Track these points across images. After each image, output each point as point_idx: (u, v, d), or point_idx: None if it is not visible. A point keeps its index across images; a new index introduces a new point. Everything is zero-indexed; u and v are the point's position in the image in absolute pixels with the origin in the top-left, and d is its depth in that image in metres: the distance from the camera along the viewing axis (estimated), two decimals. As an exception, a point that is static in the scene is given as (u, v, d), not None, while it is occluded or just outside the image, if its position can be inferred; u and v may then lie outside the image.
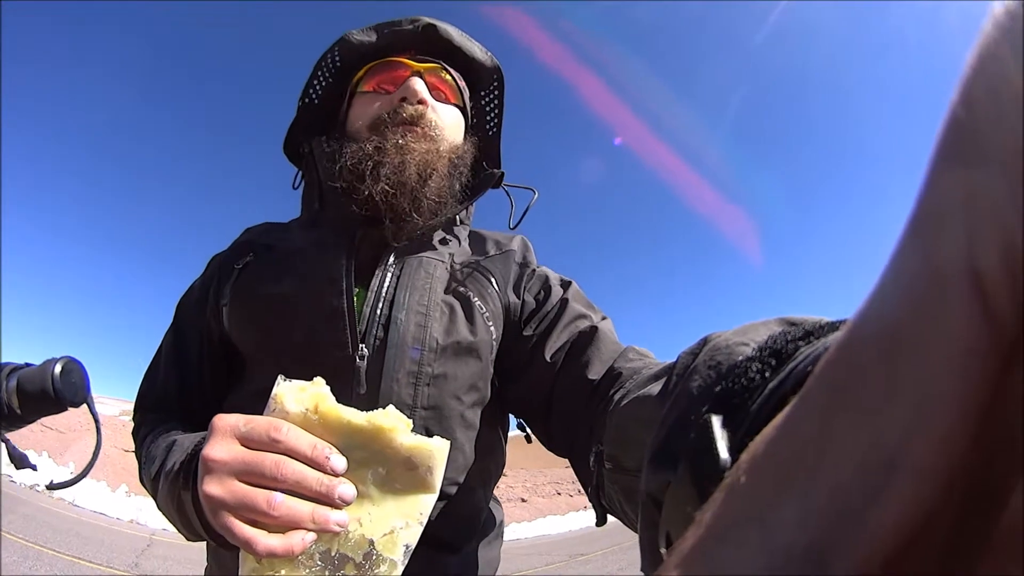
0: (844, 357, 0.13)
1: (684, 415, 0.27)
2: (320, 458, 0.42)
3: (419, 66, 0.73)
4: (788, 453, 0.13)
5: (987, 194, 0.10)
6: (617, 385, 0.53)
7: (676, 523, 0.25)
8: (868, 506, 0.11)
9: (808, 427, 0.13)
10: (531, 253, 0.77)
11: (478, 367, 0.65)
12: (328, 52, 0.77)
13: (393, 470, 0.43)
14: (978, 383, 0.10)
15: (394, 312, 0.62)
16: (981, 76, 0.11)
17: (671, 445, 0.27)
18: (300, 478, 0.41)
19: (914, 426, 0.11)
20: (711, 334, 0.34)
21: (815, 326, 0.26)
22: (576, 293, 0.72)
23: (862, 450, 0.11)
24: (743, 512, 0.14)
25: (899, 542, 0.11)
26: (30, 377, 0.65)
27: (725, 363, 0.28)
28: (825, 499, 0.12)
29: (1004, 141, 0.10)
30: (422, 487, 0.44)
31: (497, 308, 0.69)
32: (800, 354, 0.24)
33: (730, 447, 0.23)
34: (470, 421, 0.65)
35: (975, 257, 0.10)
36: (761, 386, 0.24)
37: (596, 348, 0.61)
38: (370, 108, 0.72)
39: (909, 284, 0.11)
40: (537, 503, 15.56)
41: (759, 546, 0.12)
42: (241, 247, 0.74)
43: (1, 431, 0.69)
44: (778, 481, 0.13)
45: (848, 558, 0.11)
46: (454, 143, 0.74)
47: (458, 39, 0.77)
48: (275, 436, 0.42)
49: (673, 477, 0.25)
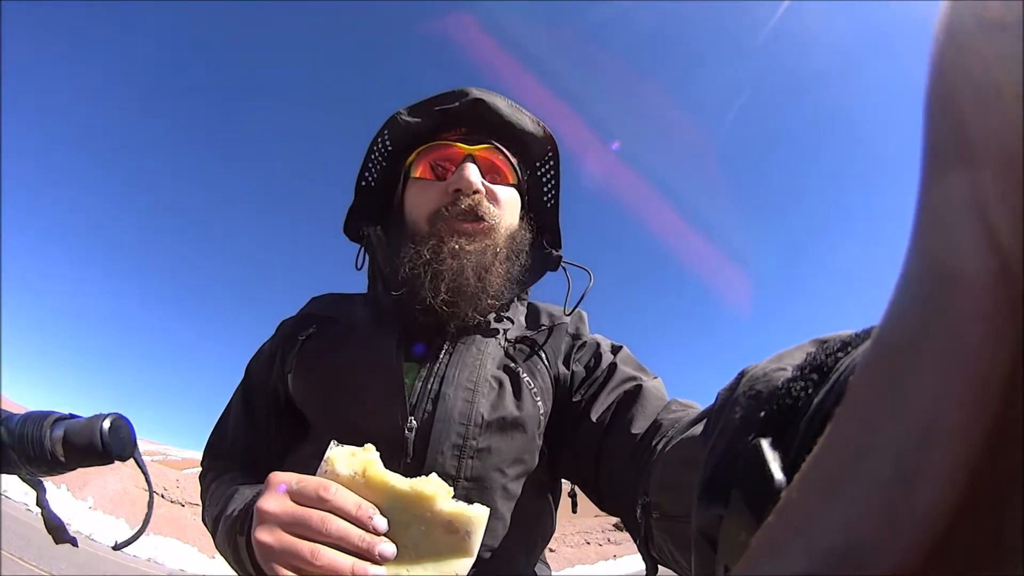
0: (872, 362, 0.13)
1: (731, 446, 0.28)
2: (363, 517, 0.45)
3: (471, 149, 0.72)
4: (833, 462, 0.14)
5: (984, 191, 0.11)
6: (660, 435, 0.54)
7: (732, 555, 0.25)
8: (906, 492, 0.11)
9: (849, 434, 0.13)
10: (584, 324, 0.78)
11: (523, 441, 0.66)
12: (379, 135, 0.77)
13: (432, 532, 0.45)
14: (999, 359, 0.10)
15: (443, 388, 0.65)
16: (952, 74, 0.11)
17: (720, 478, 0.27)
18: (344, 534, 0.44)
19: (940, 401, 0.11)
20: (747, 367, 0.34)
21: (850, 337, 0.26)
22: (626, 357, 0.72)
23: (895, 439, 0.11)
24: (791, 525, 0.14)
25: (941, 528, 0.11)
26: (78, 431, 0.66)
27: (765, 390, 0.28)
28: (863, 498, 0.12)
29: (990, 139, 0.11)
30: (460, 551, 0.46)
31: (546, 383, 0.70)
32: (841, 365, 0.24)
33: (783, 467, 0.23)
34: (512, 492, 0.66)
35: (977, 253, 0.11)
36: (807, 403, 0.24)
37: (640, 405, 0.62)
38: (425, 198, 0.72)
39: (923, 283, 0.12)
40: (566, 553, 15.51)
41: (802, 554, 0.13)
42: (306, 319, 0.79)
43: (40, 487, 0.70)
44: (823, 490, 0.13)
45: (890, 555, 0.11)
46: (511, 227, 0.74)
47: (508, 112, 0.75)
48: (323, 495, 0.45)
49: (724, 511, 0.26)
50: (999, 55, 0.11)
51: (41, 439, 0.65)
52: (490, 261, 0.68)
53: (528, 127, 0.77)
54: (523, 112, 0.77)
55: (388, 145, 0.77)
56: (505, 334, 0.73)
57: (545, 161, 0.81)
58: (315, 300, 0.83)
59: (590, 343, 0.74)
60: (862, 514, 0.12)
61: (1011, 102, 0.10)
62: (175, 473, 16.83)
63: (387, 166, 0.79)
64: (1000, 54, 0.11)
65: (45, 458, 0.65)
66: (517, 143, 0.77)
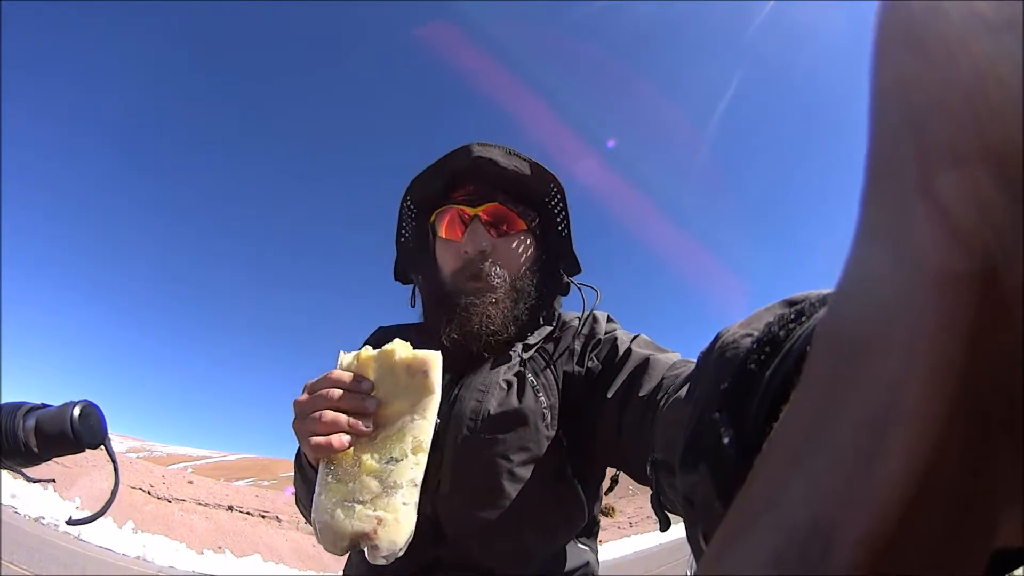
0: (832, 339, 0.13)
1: (700, 417, 0.29)
2: (353, 385, 0.58)
3: (475, 210, 0.86)
4: (793, 435, 0.14)
5: (939, 180, 0.11)
6: (662, 392, 0.60)
7: (707, 520, 0.26)
8: (869, 466, 0.11)
9: (808, 406, 0.14)
10: (599, 325, 0.88)
11: (525, 430, 0.75)
12: (404, 199, 0.94)
13: (399, 378, 0.58)
14: (953, 356, 0.11)
15: (461, 392, 0.79)
16: (958, 74, 0.11)
17: (692, 447, 0.29)
18: (339, 396, 0.57)
19: (903, 374, 0.11)
20: (721, 330, 0.35)
21: (807, 305, 0.27)
22: (643, 341, 0.79)
23: (856, 412, 0.12)
24: (759, 498, 0.14)
25: (904, 501, 0.11)
26: (49, 419, 0.66)
27: (732, 357, 0.29)
28: (827, 469, 0.12)
29: (991, 137, 0.11)
30: (424, 389, 0.58)
31: (550, 380, 0.81)
32: (792, 337, 0.25)
33: (735, 442, 0.24)
34: (519, 476, 0.75)
35: (936, 240, 0.11)
36: (760, 377, 0.25)
37: (648, 373, 0.69)
38: (447, 257, 0.89)
39: (876, 270, 0.12)
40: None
41: (770, 528, 0.13)
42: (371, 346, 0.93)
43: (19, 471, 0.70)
44: (787, 464, 0.13)
45: (854, 528, 0.11)
46: (517, 273, 0.87)
47: (505, 163, 0.87)
48: (328, 376, 0.60)
49: (698, 477, 0.27)
50: (1000, 55, 0.11)
51: (15, 430, 0.65)
52: (492, 311, 0.83)
53: (525, 171, 0.88)
54: (520, 157, 0.88)
55: (412, 207, 0.95)
56: (522, 346, 0.85)
57: (552, 196, 0.92)
58: (381, 328, 1.01)
59: (606, 339, 0.83)
60: (823, 489, 0.12)
61: (957, 92, 0.11)
62: (160, 469, 16.67)
63: (417, 225, 0.96)
64: (1002, 54, 0.11)
65: (20, 449, 0.66)
66: (520, 188, 0.89)
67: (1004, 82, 0.11)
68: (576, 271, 0.95)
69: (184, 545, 11.95)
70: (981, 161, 0.11)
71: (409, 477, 0.56)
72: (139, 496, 13.48)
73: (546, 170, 0.89)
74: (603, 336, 0.85)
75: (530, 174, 0.88)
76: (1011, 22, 0.11)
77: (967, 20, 0.11)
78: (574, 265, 0.95)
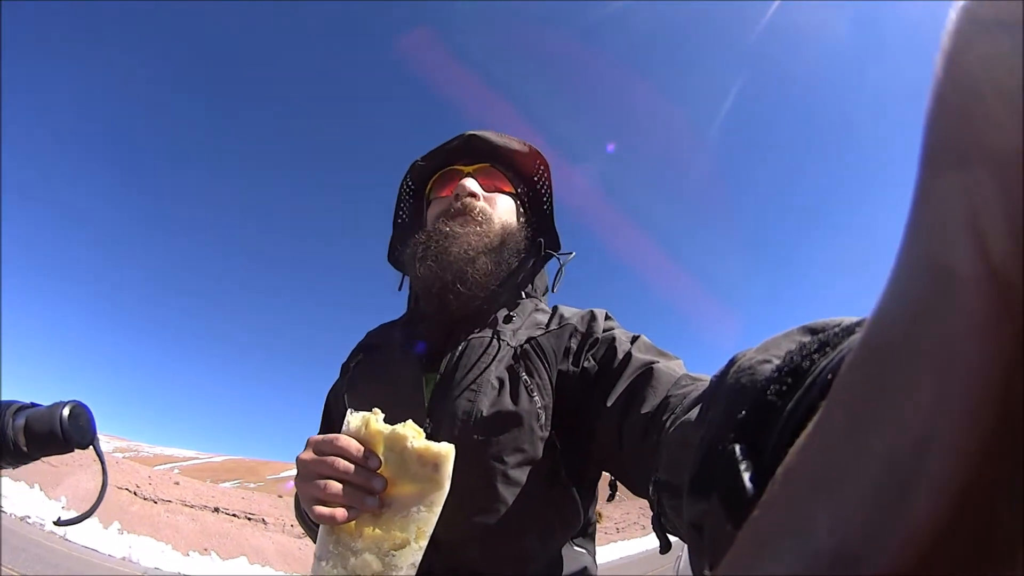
0: (862, 363, 0.13)
1: (713, 445, 0.28)
2: (361, 459, 0.56)
3: (469, 168, 0.92)
4: (819, 462, 0.14)
5: (984, 193, 0.11)
6: (668, 412, 0.58)
7: (716, 551, 0.25)
8: (900, 498, 0.11)
9: (836, 434, 0.13)
10: (597, 323, 0.84)
11: (520, 432, 0.74)
12: (404, 180, 0.99)
13: (410, 466, 0.56)
14: (997, 365, 0.10)
15: (451, 391, 0.77)
16: (959, 76, 0.11)
17: (703, 475, 0.28)
18: (346, 469, 0.56)
19: (938, 409, 0.11)
20: (737, 354, 0.34)
21: (831, 334, 0.26)
22: (643, 345, 0.76)
23: (889, 443, 0.11)
24: (778, 525, 0.14)
25: (934, 533, 0.11)
26: (38, 418, 0.66)
27: (748, 384, 0.29)
28: (856, 500, 0.12)
29: (992, 139, 0.11)
30: (433, 482, 0.56)
31: (544, 380, 0.78)
32: (816, 368, 0.24)
33: (755, 476, 0.23)
34: (514, 478, 0.73)
35: (972, 260, 0.11)
36: (781, 409, 0.24)
37: (652, 385, 0.66)
38: (437, 209, 0.91)
39: (916, 286, 0.12)
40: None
41: (792, 554, 0.13)
42: (356, 349, 0.96)
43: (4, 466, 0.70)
44: (811, 491, 0.13)
45: (881, 556, 0.11)
46: (506, 224, 0.89)
47: (496, 139, 0.94)
48: (335, 443, 0.57)
49: (708, 507, 0.26)
50: (998, 56, 0.11)
51: (4, 429, 0.66)
52: (477, 243, 0.83)
53: (515, 147, 0.95)
54: (510, 137, 0.95)
55: (412, 185, 0.99)
56: (515, 334, 0.82)
57: (539, 174, 0.98)
58: (369, 332, 1.00)
59: (604, 338, 0.80)
60: (852, 517, 0.11)
61: (1007, 105, 0.10)
62: (147, 469, 16.47)
63: (414, 203, 1.00)
64: (999, 55, 0.11)
65: (8, 448, 0.66)
66: (509, 161, 0.96)
67: (1001, 84, 0.11)
68: (556, 249, 0.98)
69: (170, 546, 11.81)
70: (981, 163, 0.11)
71: (410, 561, 0.56)
72: (125, 497, 13.29)
73: (534, 148, 0.96)
74: (601, 335, 0.81)
75: (518, 149, 0.95)
76: (1010, 22, 0.11)
77: (963, 20, 0.11)
78: (555, 243, 0.99)
